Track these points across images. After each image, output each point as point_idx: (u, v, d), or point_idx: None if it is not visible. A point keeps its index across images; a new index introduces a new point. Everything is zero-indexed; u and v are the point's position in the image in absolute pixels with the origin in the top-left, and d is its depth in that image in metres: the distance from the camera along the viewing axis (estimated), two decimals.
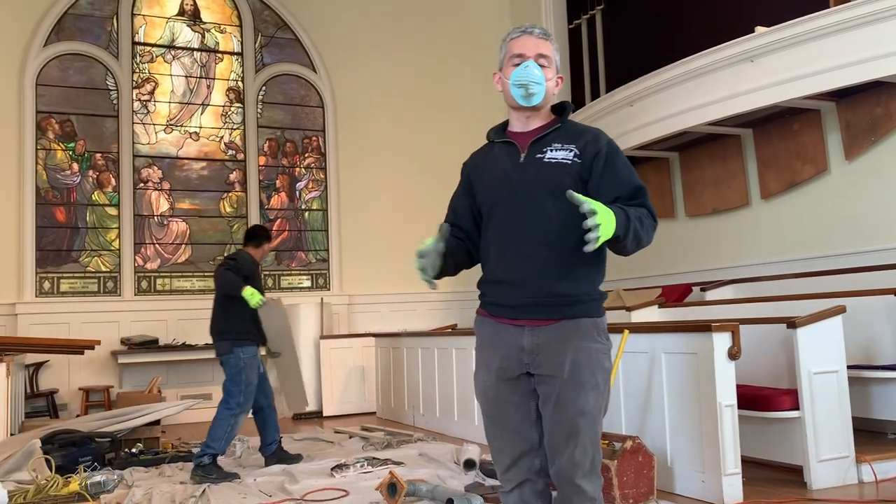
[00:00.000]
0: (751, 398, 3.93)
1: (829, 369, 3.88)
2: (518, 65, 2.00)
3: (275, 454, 4.99)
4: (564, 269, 1.95)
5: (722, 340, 3.63)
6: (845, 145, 6.03)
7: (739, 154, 6.95)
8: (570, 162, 1.98)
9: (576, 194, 1.77)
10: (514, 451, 2.00)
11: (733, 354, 3.64)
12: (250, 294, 4.76)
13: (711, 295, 6.52)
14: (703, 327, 3.70)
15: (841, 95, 5.92)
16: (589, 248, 1.76)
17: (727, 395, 3.61)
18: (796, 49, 5.75)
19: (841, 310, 3.97)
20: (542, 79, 1.99)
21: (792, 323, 3.87)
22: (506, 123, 2.14)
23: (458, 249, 2.09)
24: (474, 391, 2.11)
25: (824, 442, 3.80)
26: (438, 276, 2.02)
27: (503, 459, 2.02)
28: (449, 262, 2.04)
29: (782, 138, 6.54)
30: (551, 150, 2.00)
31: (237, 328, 4.83)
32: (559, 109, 2.10)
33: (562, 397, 1.94)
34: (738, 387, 3.70)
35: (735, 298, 6.11)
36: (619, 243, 1.85)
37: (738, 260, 6.93)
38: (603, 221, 1.75)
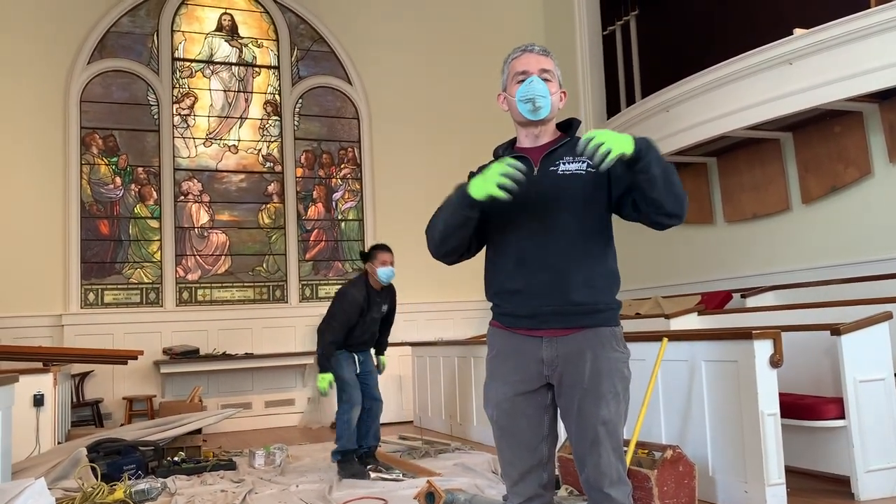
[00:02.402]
0: (794, 407, 3.85)
1: (876, 377, 3.80)
2: (522, 81, 2.05)
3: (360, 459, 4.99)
4: (583, 279, 1.98)
5: (763, 348, 3.58)
6: (889, 147, 5.89)
7: (779, 158, 6.84)
8: (583, 172, 2.03)
9: (583, 142, 1.83)
10: (523, 465, 2.03)
11: (775, 362, 3.57)
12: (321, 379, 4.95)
13: (752, 301, 6.41)
14: (744, 335, 3.64)
15: (884, 97, 5.79)
16: (605, 163, 1.80)
17: (769, 404, 3.55)
18: (837, 50, 5.65)
19: (887, 316, 3.88)
20: (547, 92, 2.04)
21: (836, 330, 3.80)
22: (513, 141, 2.18)
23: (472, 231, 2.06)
24: (484, 402, 2.12)
25: (872, 451, 3.71)
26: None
27: (512, 472, 2.06)
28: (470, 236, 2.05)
29: (823, 141, 6.42)
30: (563, 163, 2.05)
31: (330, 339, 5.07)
32: (565, 126, 2.15)
33: (583, 407, 1.97)
34: (781, 395, 3.64)
35: (776, 305, 6.00)
36: (641, 162, 1.84)
37: (779, 266, 6.80)
38: (607, 138, 1.79)
